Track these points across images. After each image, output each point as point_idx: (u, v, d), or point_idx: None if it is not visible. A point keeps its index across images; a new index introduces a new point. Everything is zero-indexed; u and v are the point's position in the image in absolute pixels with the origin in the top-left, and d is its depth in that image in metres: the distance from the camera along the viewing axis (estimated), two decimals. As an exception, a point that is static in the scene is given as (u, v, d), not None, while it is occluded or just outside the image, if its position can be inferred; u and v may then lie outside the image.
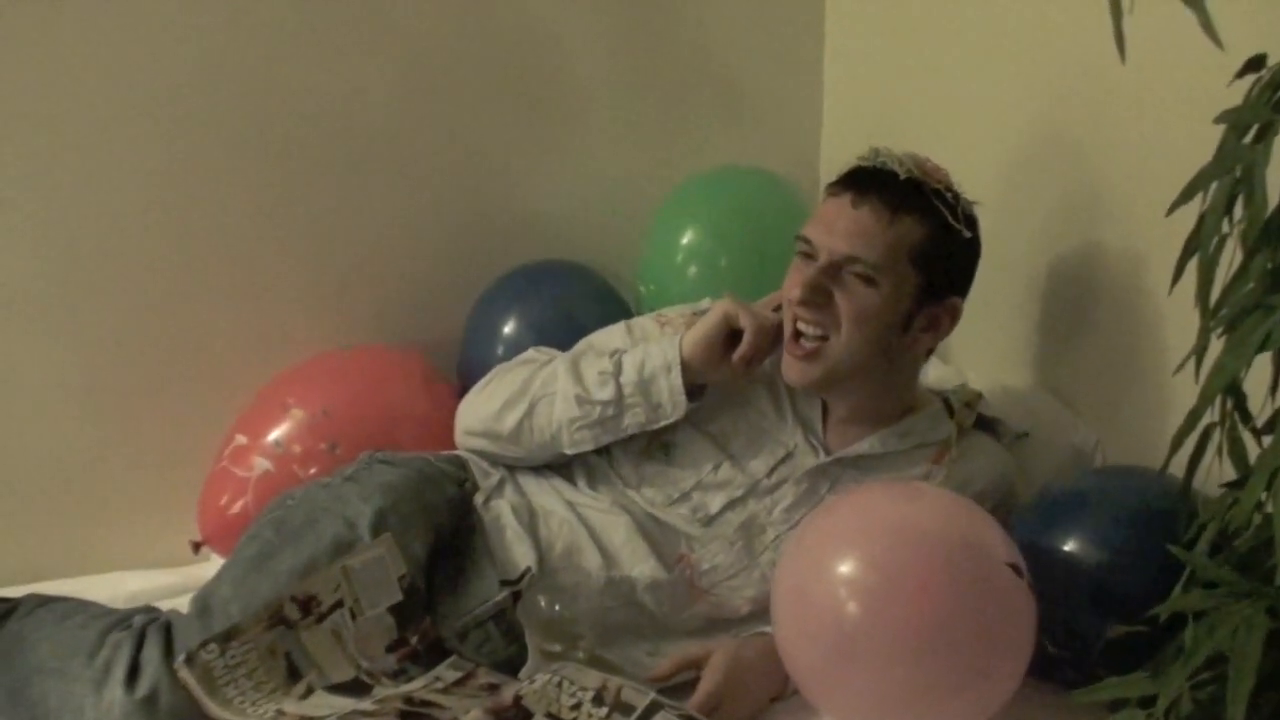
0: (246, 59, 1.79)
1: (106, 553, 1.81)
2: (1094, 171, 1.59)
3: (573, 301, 1.88)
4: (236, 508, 1.68)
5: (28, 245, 1.73)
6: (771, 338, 1.48)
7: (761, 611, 1.40)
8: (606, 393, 1.48)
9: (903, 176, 1.41)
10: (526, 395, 1.52)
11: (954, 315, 1.47)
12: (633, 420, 1.48)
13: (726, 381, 1.51)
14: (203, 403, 1.84)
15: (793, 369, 1.46)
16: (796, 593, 1.24)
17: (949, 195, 1.42)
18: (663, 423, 1.49)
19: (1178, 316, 1.36)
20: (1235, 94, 0.92)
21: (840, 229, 1.40)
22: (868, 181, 1.42)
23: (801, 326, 1.43)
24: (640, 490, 1.51)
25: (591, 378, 1.50)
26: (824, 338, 1.42)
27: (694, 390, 1.48)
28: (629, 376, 1.48)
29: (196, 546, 1.71)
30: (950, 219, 1.41)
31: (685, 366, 1.46)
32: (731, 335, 1.48)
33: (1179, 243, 0.95)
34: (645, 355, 1.49)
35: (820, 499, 1.46)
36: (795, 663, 1.26)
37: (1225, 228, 0.91)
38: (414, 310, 1.98)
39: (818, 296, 1.41)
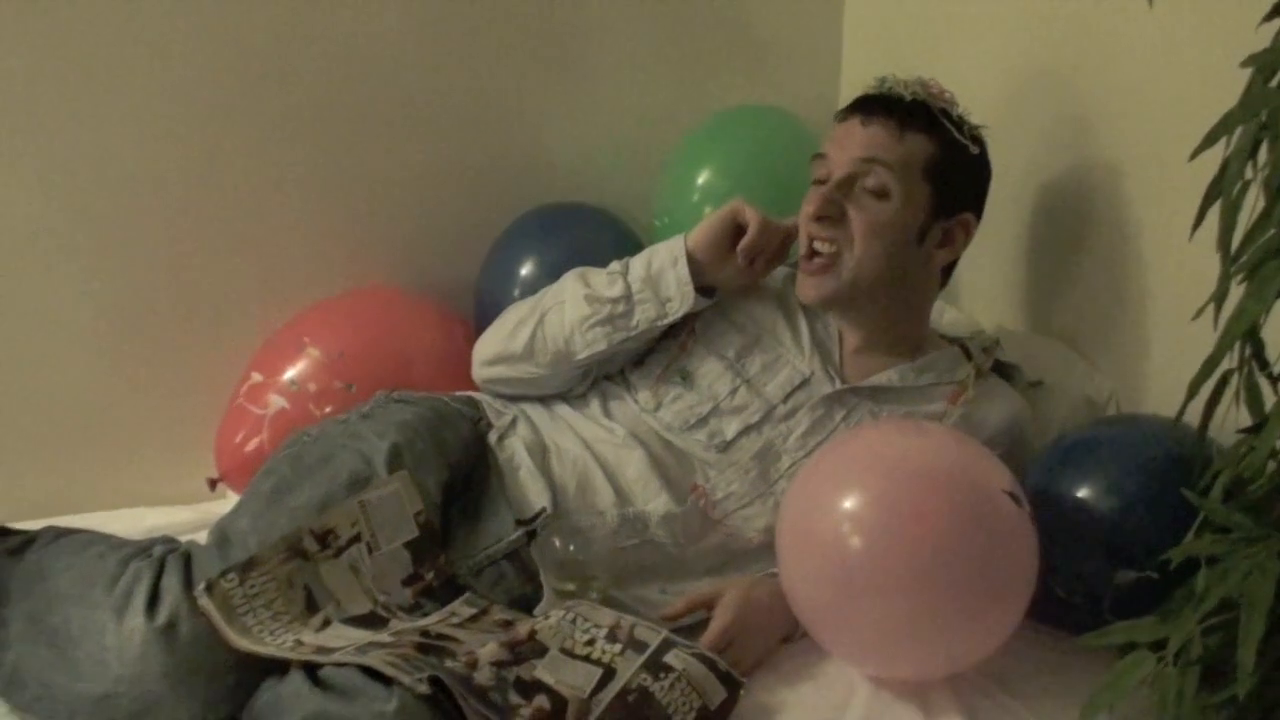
0: (265, 4, 1.78)
1: (124, 489, 1.82)
2: (1118, 121, 1.58)
3: (587, 243, 1.86)
4: (252, 445, 1.69)
5: (50, 184, 1.73)
6: (778, 240, 1.52)
7: (774, 543, 1.41)
8: (616, 290, 1.51)
9: (908, 99, 1.45)
10: (536, 310, 1.56)
11: (968, 231, 1.50)
12: (643, 316, 1.51)
13: (733, 280, 1.54)
14: (220, 342, 1.85)
15: (806, 285, 1.49)
16: (798, 532, 1.26)
17: (954, 114, 1.46)
18: (671, 317, 1.51)
19: (1195, 263, 1.35)
20: (1263, 37, 0.91)
21: (853, 143, 1.45)
22: (874, 105, 1.46)
23: (817, 245, 1.46)
24: (657, 414, 1.53)
25: (600, 279, 1.54)
26: (837, 253, 1.44)
27: (703, 291, 1.51)
28: (637, 273, 1.52)
29: (213, 483, 1.73)
30: (957, 135, 1.44)
31: (690, 258, 1.50)
32: (737, 232, 1.51)
33: (1197, 189, 0.94)
34: (652, 253, 1.54)
35: (835, 427, 1.48)
36: (800, 601, 1.27)
37: (1249, 173, 0.90)
38: (429, 253, 1.98)
39: (832, 210, 1.44)
